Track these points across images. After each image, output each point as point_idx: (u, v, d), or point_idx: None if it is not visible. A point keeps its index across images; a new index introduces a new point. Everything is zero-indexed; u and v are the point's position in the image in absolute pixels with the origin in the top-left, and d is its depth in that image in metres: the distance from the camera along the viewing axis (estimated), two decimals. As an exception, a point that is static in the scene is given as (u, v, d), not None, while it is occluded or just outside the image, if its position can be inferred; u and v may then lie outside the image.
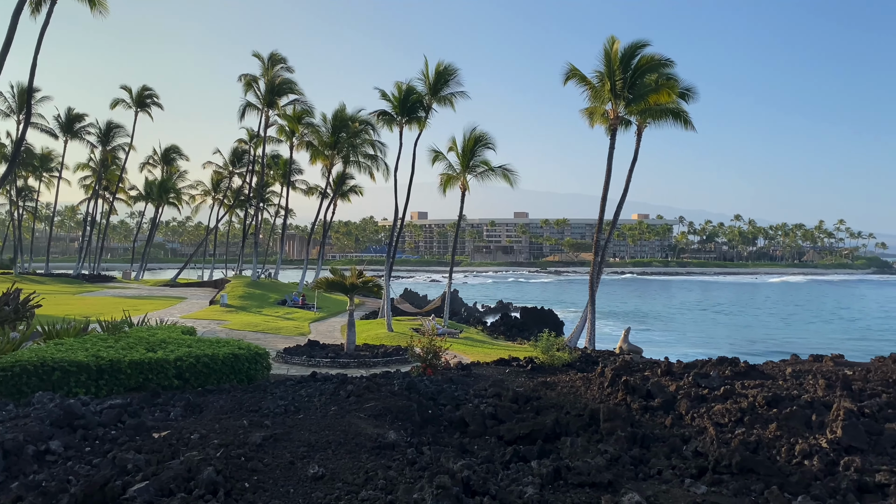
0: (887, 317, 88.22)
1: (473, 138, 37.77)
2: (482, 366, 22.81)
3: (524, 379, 19.61)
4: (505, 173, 38.44)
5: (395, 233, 42.77)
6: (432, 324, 34.69)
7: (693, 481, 10.28)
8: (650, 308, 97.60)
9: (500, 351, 29.00)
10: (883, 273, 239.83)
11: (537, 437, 12.85)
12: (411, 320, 42.47)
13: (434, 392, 16.36)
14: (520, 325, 46.74)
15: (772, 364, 24.37)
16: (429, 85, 39.41)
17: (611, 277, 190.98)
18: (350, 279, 26.86)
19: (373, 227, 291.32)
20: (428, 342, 20.63)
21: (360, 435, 12.02)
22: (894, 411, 13.66)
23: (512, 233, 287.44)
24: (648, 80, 32.46)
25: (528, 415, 14.11)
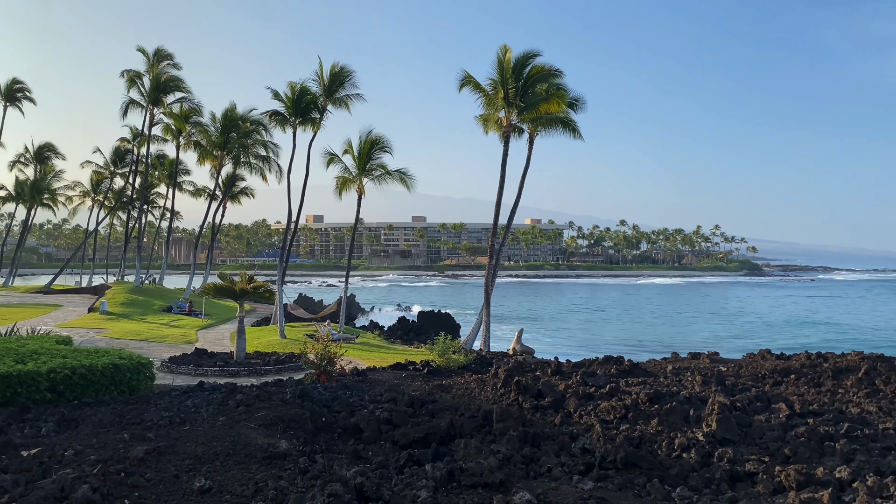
0: (758, 315, 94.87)
1: (370, 141, 37.57)
2: (378, 371, 22.68)
3: (420, 383, 19.65)
4: (402, 177, 38.47)
5: (289, 236, 41.88)
6: (327, 329, 34.17)
7: (581, 478, 10.64)
8: (543, 310, 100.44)
9: (396, 355, 28.94)
10: (753, 275, 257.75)
11: (432, 440, 12.91)
12: (306, 326, 41.69)
13: (328, 399, 16.12)
14: (417, 329, 46.86)
15: (654, 362, 25.62)
16: (323, 86, 38.88)
17: (506, 280, 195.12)
18: (240, 284, 26.04)
19: (265, 231, 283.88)
20: (322, 348, 20.30)
21: (251, 445, 11.66)
22: (763, 404, 14.70)
23: (410, 237, 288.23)
24: (540, 90, 33.42)
25: (424, 418, 14.16)
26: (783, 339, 65.47)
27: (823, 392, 18.44)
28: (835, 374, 19.94)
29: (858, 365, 20.26)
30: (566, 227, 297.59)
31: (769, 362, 22.70)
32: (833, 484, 10.13)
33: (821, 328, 77.92)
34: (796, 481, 10.12)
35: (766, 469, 10.77)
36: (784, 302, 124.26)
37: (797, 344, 56.46)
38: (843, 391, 18.48)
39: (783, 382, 19.56)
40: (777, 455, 11.62)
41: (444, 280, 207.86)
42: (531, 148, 35.23)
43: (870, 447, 11.94)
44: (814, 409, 14.50)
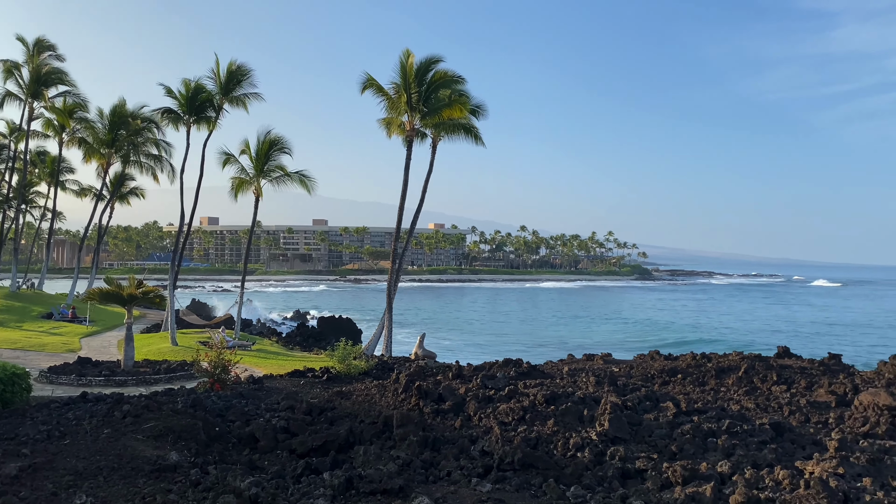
0: (648, 318, 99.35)
1: (268, 142, 36.66)
2: (276, 378, 22.12)
3: (319, 390, 19.32)
4: (302, 179, 37.75)
5: (182, 239, 40.22)
6: (222, 336, 33.03)
7: (480, 480, 10.74)
8: (446, 314, 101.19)
9: (295, 362, 28.33)
10: (644, 279, 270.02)
11: (331, 447, 12.70)
12: (199, 333, 40.12)
13: (222, 408, 15.55)
14: (317, 335, 46.06)
15: (551, 364, 26.34)
16: (220, 84, 37.62)
17: (409, 285, 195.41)
18: (128, 289, 24.76)
19: (157, 233, 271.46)
20: (216, 356, 19.59)
21: (138, 458, 11.08)
22: (652, 403, 15.35)
23: (310, 240, 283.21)
24: (443, 95, 33.67)
25: (322, 426, 13.91)
26: (670, 338, 68.82)
27: (707, 390, 19.52)
28: (717, 373, 21.15)
29: (738, 364, 21.59)
30: (469, 232, 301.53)
31: (658, 363, 23.81)
32: (715, 478, 10.69)
33: (690, 329, 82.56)
34: (682, 476, 10.61)
35: (654, 466, 11.23)
36: (672, 304, 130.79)
37: (674, 341, 59.65)
38: (724, 389, 19.63)
39: (671, 382, 20.56)
40: (665, 452, 12.15)
41: (346, 285, 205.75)
42: (434, 153, 35.43)
43: (748, 442, 12.70)
44: (698, 407, 15.27)
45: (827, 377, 20.34)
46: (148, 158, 55.35)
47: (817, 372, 21.24)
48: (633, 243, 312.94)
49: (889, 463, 11.93)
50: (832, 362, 22.93)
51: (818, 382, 19.68)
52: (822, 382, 19.58)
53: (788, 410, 16.60)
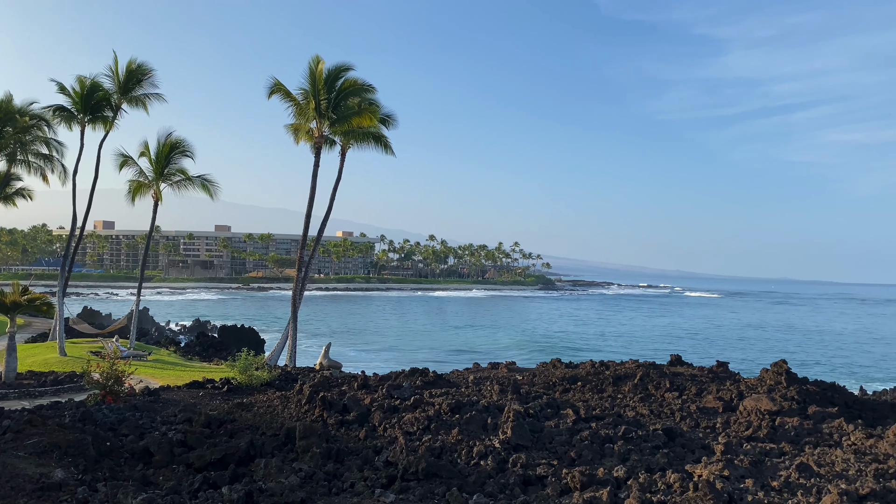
0: (551, 326, 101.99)
1: (169, 144, 35.30)
2: (173, 390, 21.26)
3: (219, 401, 18.70)
4: (204, 184, 36.54)
5: (73, 243, 38.08)
6: (115, 346, 31.46)
7: (383, 490, 10.70)
8: (353, 323, 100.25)
9: (194, 373, 27.32)
10: (547, 289, 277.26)
11: (230, 461, 12.33)
12: (91, 342, 38.03)
13: (114, 422, 14.81)
14: (217, 345, 44.55)
15: (457, 372, 26.56)
16: (118, 83, 35.96)
17: (315, 293, 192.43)
18: (11, 296, 23.20)
19: (45, 237, 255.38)
20: (109, 367, 18.62)
21: (18, 476, 10.38)
22: (553, 410, 15.76)
23: (212, 247, 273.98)
24: (352, 103, 33.45)
25: (222, 439, 13.49)
26: (570, 346, 70.89)
27: (605, 397, 20.21)
28: (615, 380, 21.93)
29: (634, 372, 22.46)
30: (378, 241, 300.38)
31: (559, 371, 24.44)
32: (611, 483, 11.09)
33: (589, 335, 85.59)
34: (580, 482, 10.94)
35: (554, 472, 11.53)
36: (573, 313, 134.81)
37: (573, 349, 61.63)
38: (621, 396, 20.38)
39: (571, 389, 21.15)
40: (564, 458, 12.50)
41: (250, 293, 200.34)
42: (343, 160, 35.14)
43: (642, 447, 13.25)
44: (597, 414, 15.80)
45: (715, 384, 21.47)
46: (37, 158, 52.07)
47: (706, 379, 22.39)
48: (537, 254, 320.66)
49: (769, 464, 12.75)
50: (720, 370, 24.23)
51: (707, 389, 20.75)
52: (710, 389, 20.66)
53: (680, 416, 17.42)
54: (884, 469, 11.97)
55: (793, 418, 16.58)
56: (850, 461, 12.70)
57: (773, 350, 74.44)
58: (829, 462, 12.75)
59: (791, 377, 20.71)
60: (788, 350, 75.28)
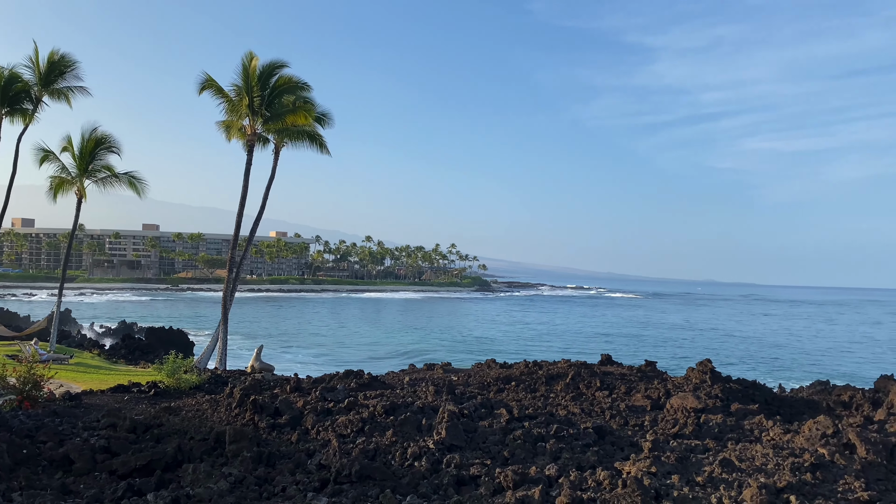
0: (487, 327, 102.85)
1: (94, 139, 33.94)
2: (97, 394, 20.45)
3: (146, 406, 18.10)
4: (132, 181, 35.28)
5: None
6: (34, 349, 30.05)
7: (315, 494, 10.56)
8: (287, 325, 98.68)
9: (119, 377, 26.34)
10: (484, 290, 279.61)
11: (157, 467, 11.95)
12: (7, 345, 36.19)
13: (32, 428, 14.12)
14: (144, 348, 43.02)
15: (392, 374, 26.49)
16: (39, 74, 34.38)
17: (248, 295, 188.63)
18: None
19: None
20: (26, 370, 17.76)
21: (-77, 490, 9.79)
22: (487, 410, 15.88)
23: (140, 246, 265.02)
24: (286, 101, 32.91)
25: (148, 444, 13.06)
26: (507, 348, 71.69)
27: (538, 397, 20.51)
28: (547, 380, 22.28)
29: (566, 371, 22.87)
30: (313, 242, 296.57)
31: (494, 371, 24.67)
32: (543, 481, 11.25)
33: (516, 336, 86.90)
34: (513, 481, 11.06)
35: (487, 471, 11.62)
36: (510, 314, 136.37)
37: (510, 350, 62.46)
38: (553, 395, 20.73)
39: (505, 389, 21.38)
40: (498, 457, 12.62)
41: (179, 294, 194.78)
42: (277, 159, 34.54)
43: (573, 445, 13.50)
44: (529, 413, 16.01)
45: (643, 383, 22.08)
46: (-52, 151, 49.41)
47: (635, 378, 23.00)
48: (474, 256, 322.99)
49: (694, 460, 13.18)
50: (648, 369, 24.93)
51: (636, 388, 21.32)
52: (639, 388, 21.23)
53: (610, 414, 17.83)
54: (800, 462, 12.53)
55: (717, 415, 17.20)
56: (769, 456, 13.25)
57: (697, 349, 77.09)
58: (750, 457, 13.27)
59: (715, 376, 21.48)
60: (712, 348, 78.08)
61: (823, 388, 26.56)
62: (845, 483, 11.79)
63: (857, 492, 11.29)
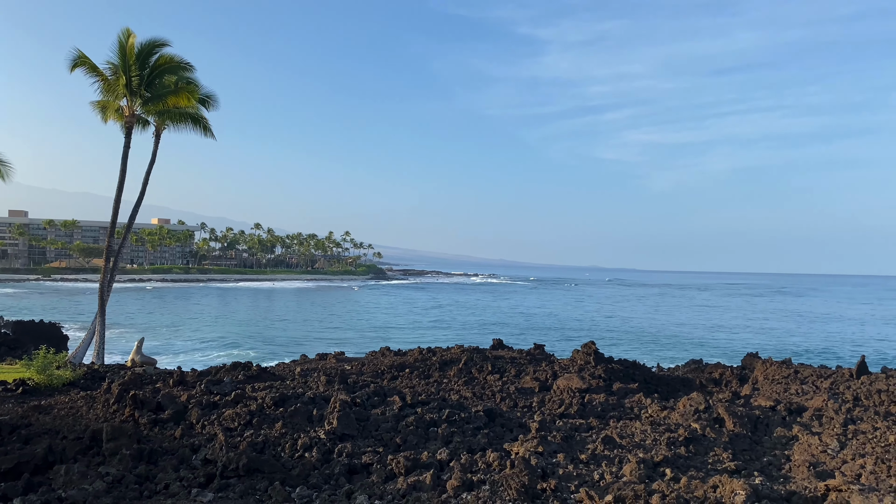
0: (382, 316, 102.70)
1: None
2: (-46, 394, 18.81)
3: (12, 405, 16.83)
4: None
5: None
6: None
7: (201, 490, 10.21)
8: (171, 316, 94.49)
9: (-19, 374, 24.35)
10: (379, 278, 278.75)
11: (24, 469, 11.16)
12: None
13: None
14: (11, 343, 39.91)
15: (283, 365, 25.95)
16: None
17: (128, 285, 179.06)
18: None
19: None
20: None
21: None
22: (380, 398, 15.87)
23: (5, 234, 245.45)
24: (168, 81, 31.31)
25: (14, 446, 12.16)
26: (403, 335, 71.91)
27: (432, 382, 20.70)
28: (441, 366, 22.54)
29: (459, 357, 23.21)
30: (198, 229, 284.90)
31: (388, 359, 24.69)
32: (435, 465, 11.38)
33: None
34: (405, 467, 11.12)
35: (380, 459, 11.63)
36: (403, 302, 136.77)
37: (407, 338, 62.83)
38: (447, 381, 20.99)
39: (399, 376, 21.44)
40: (390, 444, 12.65)
41: (52, 285, 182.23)
42: (157, 142, 32.85)
43: (465, 429, 13.73)
44: (422, 399, 16.14)
45: (532, 366, 22.77)
46: None
47: (525, 361, 23.67)
48: (369, 244, 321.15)
49: (579, 439, 13.73)
50: (537, 352, 25.72)
51: (525, 371, 21.95)
52: (528, 370, 21.87)
53: (500, 397, 18.27)
54: (675, 437, 13.33)
55: (600, 395, 17.99)
56: (647, 432, 14.01)
57: (581, 330, 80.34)
58: (630, 433, 13.98)
59: (599, 357, 22.45)
60: (597, 330, 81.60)
61: (697, 366, 28.36)
62: (715, 455, 12.66)
63: (726, 462, 12.15)
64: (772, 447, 13.52)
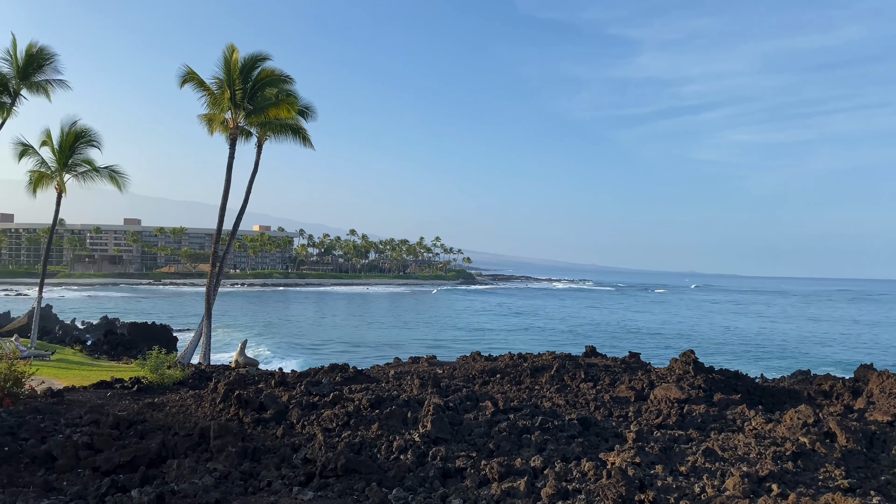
0: (471, 320, 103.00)
1: (74, 133, 33.57)
2: (79, 391, 20.29)
3: (129, 402, 17.98)
4: (112, 175, 34.97)
5: (-33, 238, 35.72)
6: (14, 345, 29.71)
7: (301, 488, 10.55)
8: (271, 319, 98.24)
9: (101, 373, 26.14)
10: (468, 283, 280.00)
11: (140, 463, 11.87)
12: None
13: (13, 425, 13.98)
14: (127, 343, 42.68)
15: (378, 367, 26.48)
16: (17, 67, 33.87)
17: (231, 290, 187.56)
18: None
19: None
20: (7, 367, 17.57)
21: None
22: (472, 403, 15.93)
23: (121, 241, 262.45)
24: (269, 94, 32.73)
25: (132, 440, 12.97)
26: (492, 340, 71.89)
27: (523, 389, 20.59)
28: (532, 372, 22.38)
29: (551, 363, 22.98)
30: (297, 235, 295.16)
31: (479, 363, 24.73)
32: (529, 472, 11.31)
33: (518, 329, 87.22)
34: (499, 473, 11.10)
35: (473, 464, 11.66)
36: (495, 307, 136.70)
37: (498, 343, 62.72)
38: (538, 387, 20.82)
39: (490, 381, 21.45)
40: (483, 450, 12.66)
41: (162, 289, 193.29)
42: (259, 152, 34.37)
43: (558, 437, 13.57)
44: (514, 405, 16.07)
45: (627, 374, 22.24)
46: (-76, 145, 48.63)
47: (619, 369, 23.16)
48: (458, 248, 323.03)
49: (677, 450, 13.30)
50: (632, 360, 25.12)
51: (620, 379, 21.48)
52: (623, 379, 21.39)
53: (594, 406, 17.95)
54: (781, 451, 12.68)
55: (699, 406, 17.37)
56: (751, 445, 13.40)
57: (674, 337, 77.73)
58: (733, 446, 13.42)
59: (698, 366, 21.68)
60: (694, 339, 78.75)
61: (804, 377, 26.89)
62: (826, 471, 11.96)
63: (838, 479, 11.46)
64: (890, 465, 12.65)
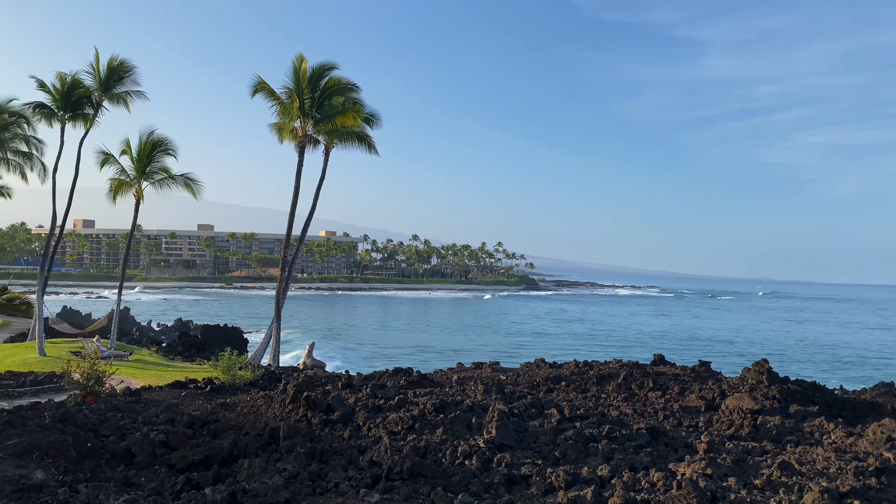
0: (535, 325, 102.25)
1: (151, 142, 34.97)
2: (155, 390, 21.09)
3: (202, 401, 18.57)
4: (187, 182, 36.24)
5: (53, 242, 37.61)
6: (96, 346, 31.13)
7: (368, 490, 10.66)
8: (336, 322, 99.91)
9: (176, 373, 27.10)
10: (531, 289, 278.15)
11: (213, 461, 12.24)
12: (71, 342, 37.60)
13: (95, 422, 14.63)
14: (200, 345, 44.20)
15: (441, 372, 26.56)
16: (99, 80, 35.52)
17: (298, 293, 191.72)
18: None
19: (24, 236, 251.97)
20: (89, 367, 18.41)
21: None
22: (537, 410, 15.79)
23: (195, 246, 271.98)
24: (336, 102, 33.36)
25: (205, 439, 13.38)
26: (556, 347, 71.15)
27: (589, 397, 20.29)
28: (598, 380, 22.03)
29: (618, 372, 22.57)
30: (361, 241, 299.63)
31: (543, 370, 24.50)
32: (595, 481, 11.13)
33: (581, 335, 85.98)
34: (565, 481, 10.97)
35: (539, 471, 11.55)
36: (560, 313, 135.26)
37: (567, 349, 61.92)
38: (605, 396, 20.47)
39: (555, 389, 21.22)
40: (549, 457, 12.53)
41: (233, 292, 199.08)
42: (327, 159, 35.06)
43: (626, 446, 13.31)
44: (580, 413, 15.85)
45: (697, 383, 21.63)
46: (16, 156, 51.38)
47: (689, 378, 22.56)
48: (521, 254, 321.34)
49: (751, 463, 12.85)
50: (702, 369, 24.42)
51: (690, 388, 20.90)
52: (693, 388, 20.81)
53: (663, 415, 17.53)
54: (864, 467, 12.10)
55: (774, 417, 16.74)
56: (830, 459, 12.83)
57: (751, 347, 75.12)
58: (811, 460, 12.88)
59: (772, 376, 20.90)
60: (766, 346, 76.03)
61: (888, 389, 25.59)
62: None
63: (926, 498, 10.85)
64: (984, 485, 11.90)
